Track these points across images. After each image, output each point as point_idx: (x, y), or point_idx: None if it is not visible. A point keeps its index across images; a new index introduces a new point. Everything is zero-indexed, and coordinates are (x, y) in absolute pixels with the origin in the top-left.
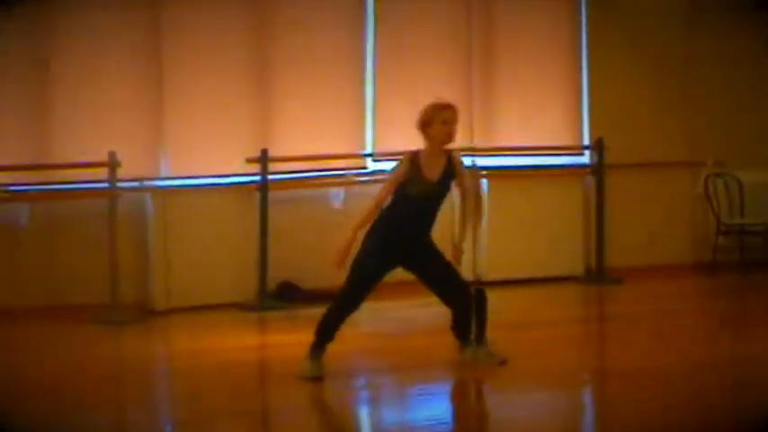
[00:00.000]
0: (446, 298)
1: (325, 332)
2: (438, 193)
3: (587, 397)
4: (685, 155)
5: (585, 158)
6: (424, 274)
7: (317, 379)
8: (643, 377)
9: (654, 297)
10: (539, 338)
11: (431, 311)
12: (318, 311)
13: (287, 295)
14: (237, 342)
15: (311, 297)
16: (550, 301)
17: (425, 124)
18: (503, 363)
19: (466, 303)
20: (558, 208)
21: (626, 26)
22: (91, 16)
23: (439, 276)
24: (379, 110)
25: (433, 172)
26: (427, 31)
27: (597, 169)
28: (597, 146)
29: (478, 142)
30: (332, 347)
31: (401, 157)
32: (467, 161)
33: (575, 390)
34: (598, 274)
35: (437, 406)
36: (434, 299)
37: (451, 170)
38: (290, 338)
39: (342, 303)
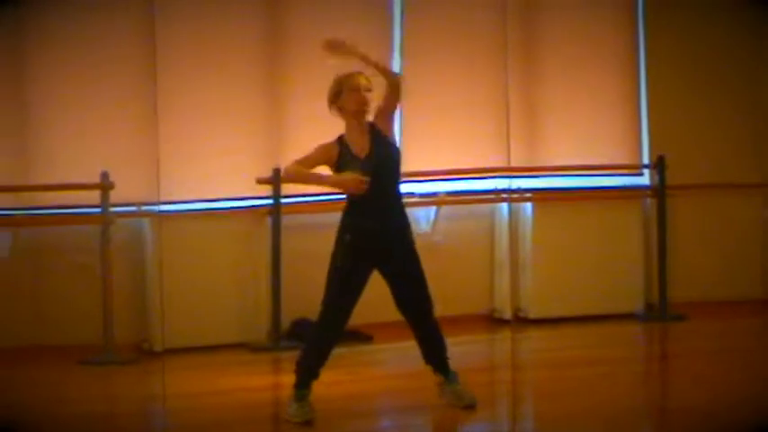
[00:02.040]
0: (411, 320)
1: (307, 367)
2: (379, 164)
3: None
4: (757, 176)
5: (645, 179)
6: (394, 285)
7: (308, 423)
8: (701, 417)
9: (721, 335)
10: (588, 377)
11: (459, 350)
12: (339, 351)
13: (302, 334)
14: (246, 383)
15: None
16: (605, 339)
17: (335, 96)
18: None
19: (432, 328)
20: (613, 235)
21: (688, 32)
22: (79, 24)
23: (403, 282)
24: (406, 125)
25: (360, 147)
26: (459, 38)
27: (658, 191)
28: (658, 164)
29: (518, 161)
30: (357, 386)
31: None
32: (498, 183)
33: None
34: (660, 311)
35: None
36: (463, 337)
37: (378, 129)
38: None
39: (318, 328)
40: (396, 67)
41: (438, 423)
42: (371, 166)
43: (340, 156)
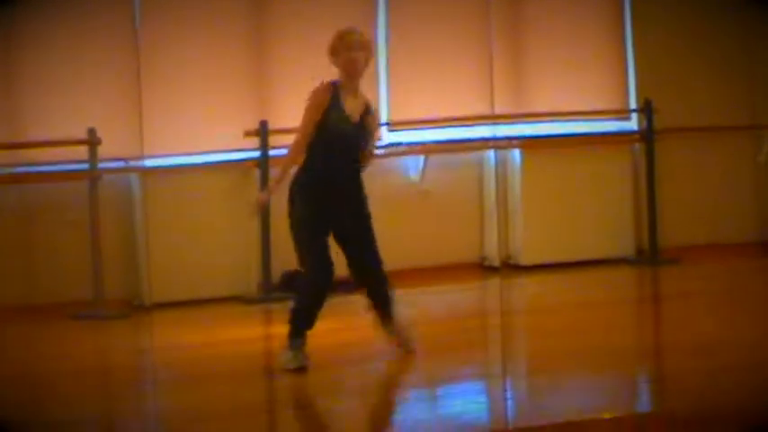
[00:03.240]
0: (358, 278)
1: (302, 318)
2: (357, 134)
3: (640, 372)
4: (746, 117)
5: (632, 124)
6: (342, 232)
7: (302, 370)
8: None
9: (711, 277)
10: (583, 318)
11: (450, 298)
12: (333, 301)
13: (293, 285)
14: (238, 335)
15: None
16: (597, 283)
17: (333, 54)
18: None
19: (381, 281)
20: (603, 181)
21: None
22: None
23: (354, 242)
24: (393, 74)
25: (352, 108)
26: None
27: (646, 136)
28: (645, 109)
29: (505, 109)
30: (350, 335)
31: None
32: (487, 131)
33: (623, 367)
34: (651, 255)
35: (470, 396)
36: (454, 285)
37: (367, 120)
38: None
39: (307, 279)
40: (381, 15)
41: (431, 368)
42: (352, 130)
43: (331, 103)
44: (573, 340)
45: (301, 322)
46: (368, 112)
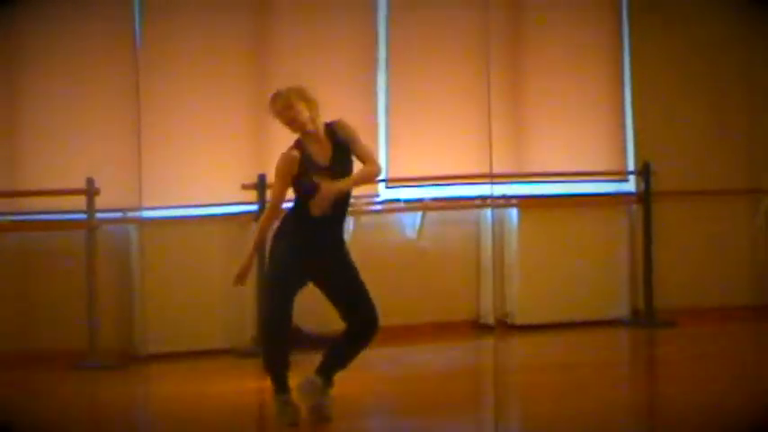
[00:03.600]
0: (348, 316)
1: (273, 366)
2: (333, 175)
3: None
4: (744, 181)
5: (630, 185)
6: (331, 285)
7: (294, 425)
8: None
9: (706, 340)
10: (574, 380)
11: (444, 356)
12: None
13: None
14: (232, 387)
15: (317, 340)
16: (590, 344)
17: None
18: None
19: (366, 335)
20: (599, 241)
21: (674, 34)
22: (65, 34)
23: (346, 291)
24: (392, 131)
25: (319, 154)
26: (443, 43)
27: (644, 197)
28: (643, 171)
29: (503, 167)
30: (344, 389)
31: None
32: (485, 189)
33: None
34: (647, 317)
35: None
36: (448, 343)
37: (337, 140)
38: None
39: (267, 329)
40: (381, 73)
41: (424, 426)
42: (330, 175)
43: (301, 162)
44: (564, 404)
45: (270, 369)
46: (336, 142)
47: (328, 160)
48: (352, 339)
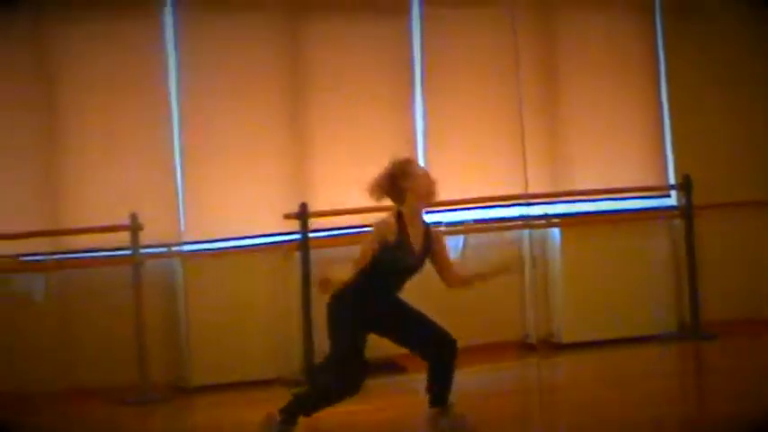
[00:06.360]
0: (425, 353)
1: (305, 408)
2: (416, 265)
3: None
4: None
5: (672, 199)
6: (399, 332)
7: None
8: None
9: (753, 353)
10: (623, 396)
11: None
12: (375, 383)
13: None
14: None
15: (375, 367)
16: (639, 360)
17: (404, 178)
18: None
19: (448, 356)
20: (642, 257)
21: (711, 44)
22: (102, 64)
23: (415, 329)
24: (431, 153)
25: (415, 238)
26: (474, 63)
27: (685, 211)
28: (684, 184)
29: (542, 186)
30: (395, 413)
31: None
32: (526, 210)
33: None
34: (693, 331)
35: None
36: (496, 364)
37: (429, 240)
38: (343, 413)
39: (334, 385)
40: (418, 96)
41: None
42: (413, 264)
43: (396, 238)
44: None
45: (302, 411)
46: (428, 237)
47: (419, 250)
48: (441, 366)
